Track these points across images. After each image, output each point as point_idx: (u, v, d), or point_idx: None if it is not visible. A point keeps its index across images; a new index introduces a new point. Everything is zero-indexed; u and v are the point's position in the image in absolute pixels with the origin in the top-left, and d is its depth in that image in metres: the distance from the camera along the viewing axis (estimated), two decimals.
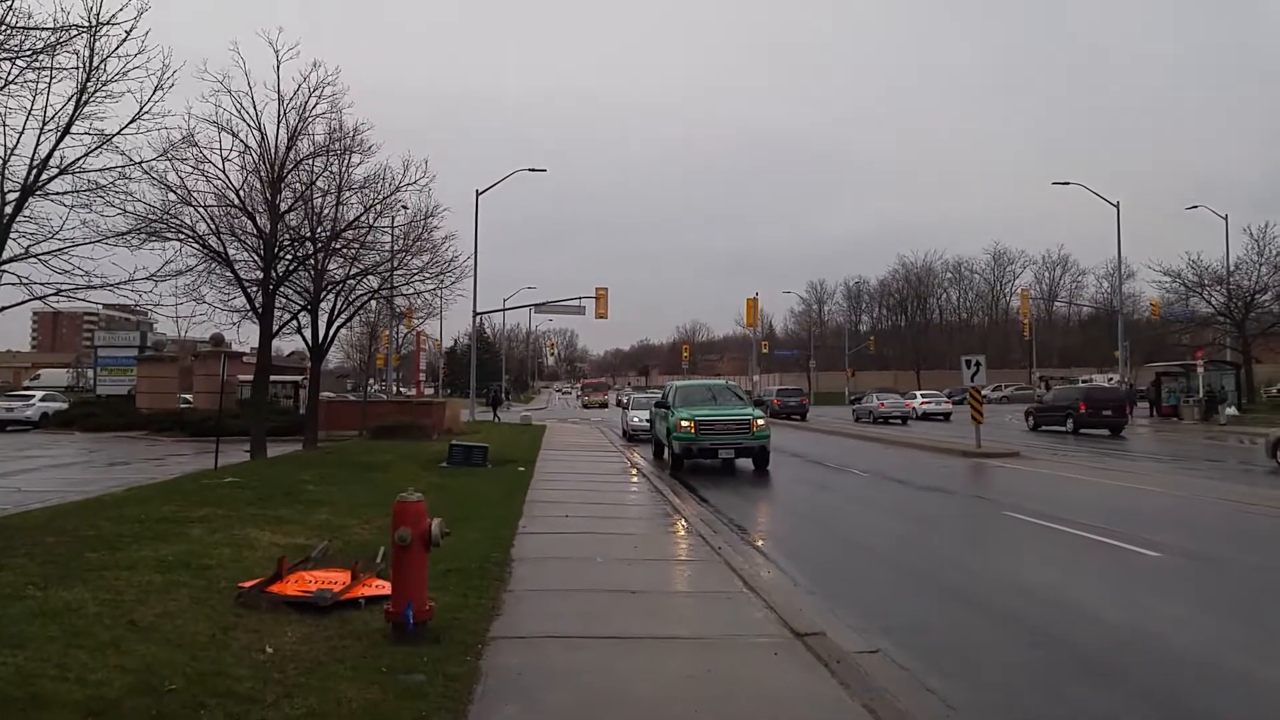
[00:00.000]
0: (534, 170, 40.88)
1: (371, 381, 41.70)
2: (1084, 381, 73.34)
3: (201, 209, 17.38)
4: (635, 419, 29.12)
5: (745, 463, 19.33)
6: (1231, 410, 37.87)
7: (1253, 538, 11.36)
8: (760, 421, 18.69)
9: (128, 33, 11.47)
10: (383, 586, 6.58)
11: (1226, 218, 47.42)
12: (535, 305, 49.13)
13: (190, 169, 16.92)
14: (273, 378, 26.91)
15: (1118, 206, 46.28)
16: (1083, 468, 20.40)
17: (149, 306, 26.12)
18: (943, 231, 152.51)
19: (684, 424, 18.60)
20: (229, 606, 6.36)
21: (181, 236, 16.96)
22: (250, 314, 18.74)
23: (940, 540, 11.29)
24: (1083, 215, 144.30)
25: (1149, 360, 56.84)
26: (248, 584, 6.80)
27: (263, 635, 5.71)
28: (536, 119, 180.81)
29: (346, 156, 19.04)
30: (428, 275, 21.37)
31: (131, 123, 12.15)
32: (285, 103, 17.83)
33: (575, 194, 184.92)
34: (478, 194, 40.00)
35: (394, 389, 55.02)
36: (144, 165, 14.08)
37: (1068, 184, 46.88)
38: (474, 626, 6.17)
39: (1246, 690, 5.61)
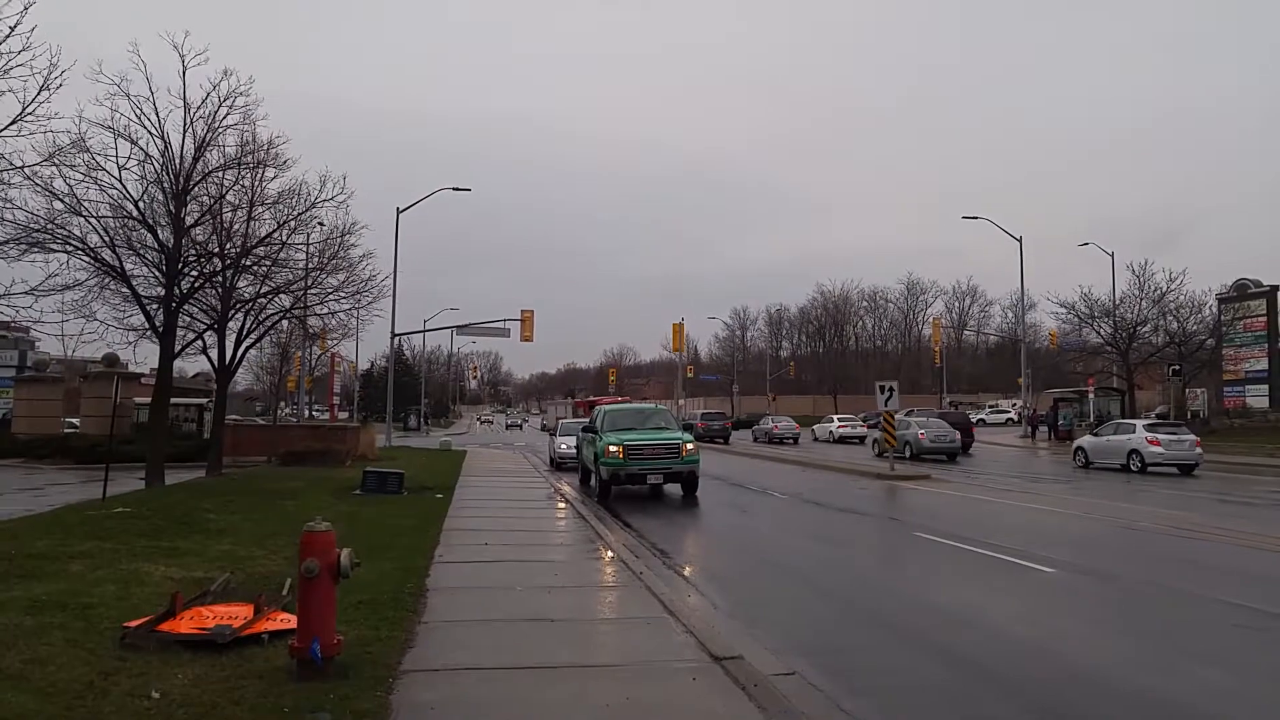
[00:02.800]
0: (458, 189, 40.43)
1: (282, 405, 40.35)
2: (989, 407, 76.68)
3: (94, 219, 16.36)
4: (563, 445, 28.46)
5: (672, 487, 19.27)
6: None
7: (1133, 552, 11.89)
8: (690, 446, 17.86)
9: (12, 28, 10.86)
10: (288, 620, 6.28)
11: (1113, 255, 50.02)
12: (458, 327, 48.43)
13: (81, 176, 15.91)
14: (174, 400, 25.66)
15: (1020, 241, 48.40)
16: (987, 489, 21.06)
17: (28, 323, 24.63)
18: (860, 262, 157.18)
19: (612, 449, 17.61)
20: (111, 649, 5.89)
21: (69, 248, 15.91)
22: (149, 333, 17.76)
23: (856, 562, 11.47)
24: (990, 249, 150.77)
25: (1048, 386, 59.21)
26: (134, 623, 6.28)
27: (149, 679, 5.31)
28: (465, 139, 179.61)
29: (260, 170, 18.42)
30: (343, 294, 20.76)
31: (12, 124, 11.47)
32: (192, 111, 17.05)
33: (503, 216, 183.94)
34: (398, 211, 39.37)
35: (306, 413, 53.39)
36: (26, 170, 13.28)
37: (976, 218, 48.85)
38: (386, 660, 5.95)
39: (1133, 699, 5.80)
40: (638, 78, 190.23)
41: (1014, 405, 65.53)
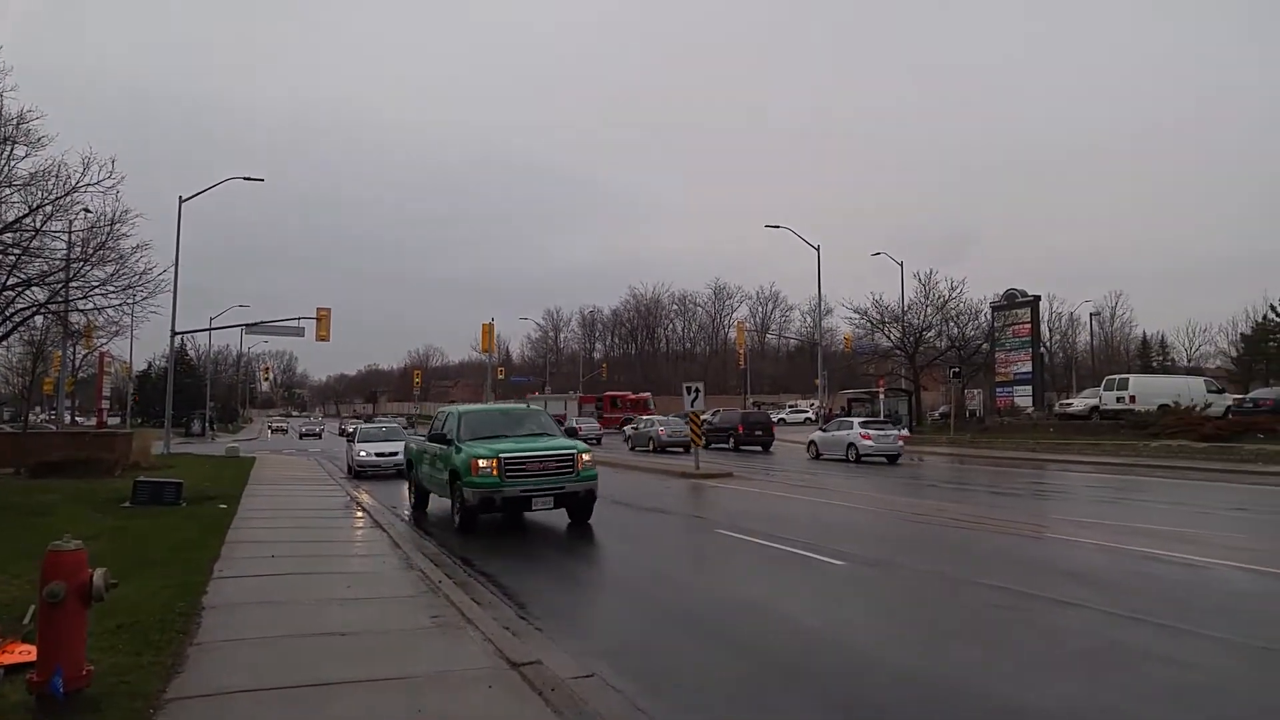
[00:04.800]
0: (250, 179, 37.76)
1: (38, 410, 36.25)
2: (789, 407, 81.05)
3: None
4: (363, 453, 27.25)
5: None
6: (905, 432, 43.12)
7: (916, 543, 12.98)
8: (586, 457, 14.11)
9: None
10: (28, 652, 5.64)
11: (902, 264, 54.08)
12: (248, 325, 45.37)
13: None
14: None
15: (818, 250, 51.39)
16: (785, 485, 22.31)
17: None
18: (670, 265, 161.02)
19: (483, 464, 13.57)
20: None
21: None
22: None
23: (659, 560, 11.75)
24: (792, 257, 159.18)
25: (844, 387, 63.37)
26: None
27: None
28: (258, 127, 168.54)
29: (9, 147, 16.49)
30: (113, 289, 18.98)
31: None
32: None
33: (310, 212, 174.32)
34: (181, 201, 36.45)
35: (68, 418, 48.31)
36: None
37: (778, 227, 51.28)
38: (146, 689, 5.46)
39: (912, 683, 6.31)
40: (458, 70, 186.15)
41: (812, 405, 69.66)
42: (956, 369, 45.61)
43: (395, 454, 26.33)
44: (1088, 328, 78.71)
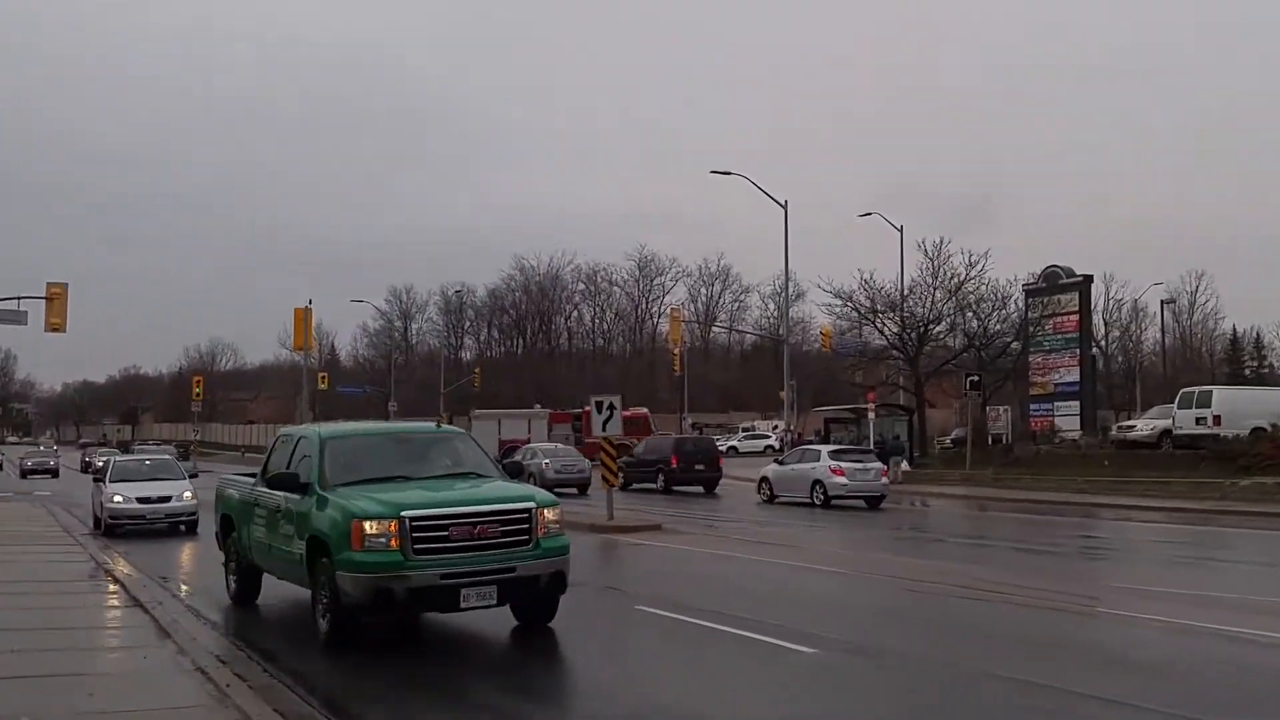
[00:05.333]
0: None
1: None
2: (744, 431, 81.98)
3: None
4: (119, 498, 26.34)
5: None
6: (905, 465, 44.14)
7: (914, 621, 13.30)
8: (551, 515, 11.77)
9: None
10: None
11: (901, 229, 54.85)
12: None
13: None
14: None
15: (785, 207, 52.00)
16: (733, 541, 22.80)
17: None
18: (577, 228, 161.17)
19: (373, 527, 10.96)
20: None
21: None
22: None
23: (552, 651, 11.76)
24: (748, 217, 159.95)
25: (819, 402, 64.30)
26: None
27: None
28: None
29: None
30: None
31: None
32: None
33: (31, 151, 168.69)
34: None
35: None
36: None
37: (729, 174, 51.64)
38: None
39: None
40: None
41: (775, 428, 70.24)
42: (975, 377, 46.64)
43: (167, 499, 26.08)
44: (1158, 321, 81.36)
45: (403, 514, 11.02)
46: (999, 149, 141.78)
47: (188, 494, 26.44)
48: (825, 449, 35.50)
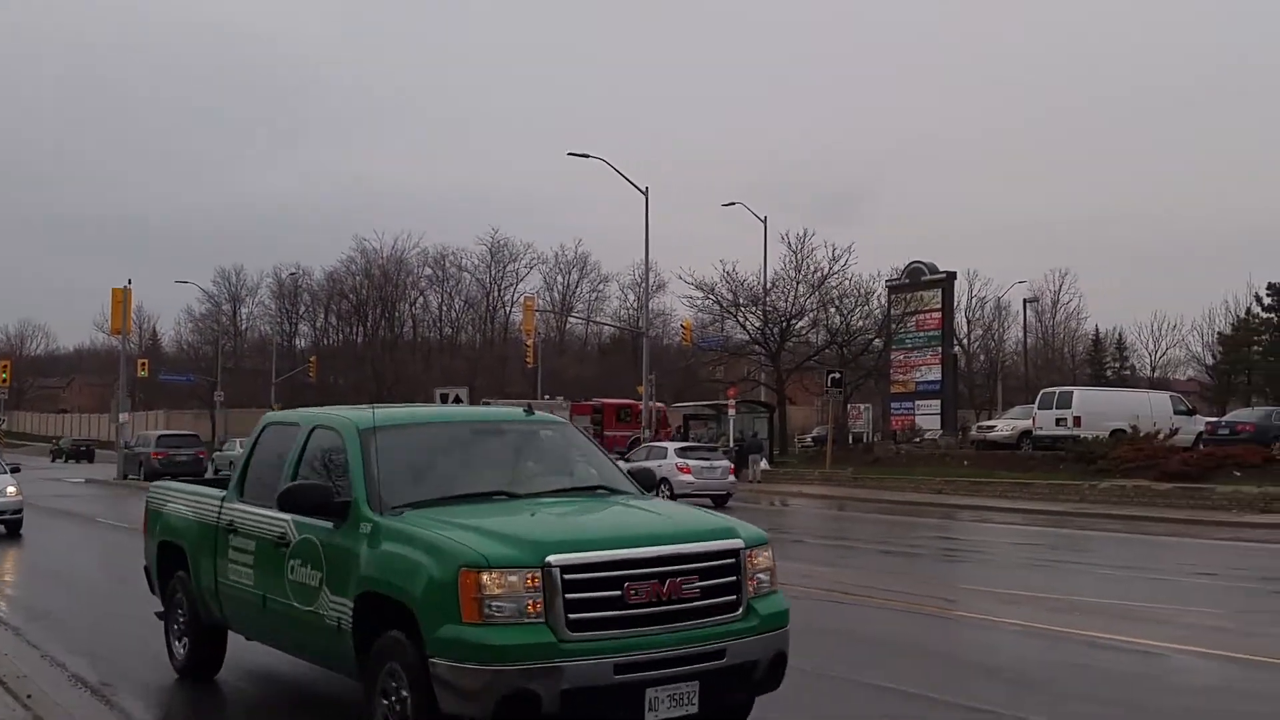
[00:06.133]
0: None
1: None
2: None
3: None
4: None
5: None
6: (764, 464, 44.67)
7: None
8: (761, 560, 7.78)
9: None
10: None
11: (765, 220, 55.82)
12: None
13: None
14: None
15: (647, 194, 52.09)
16: None
17: None
18: (423, 209, 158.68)
19: (497, 582, 6.77)
20: None
21: None
22: None
23: None
24: (607, 203, 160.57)
25: (679, 399, 64.78)
26: None
27: None
28: None
29: None
30: None
31: None
32: None
33: None
34: None
35: None
36: None
37: (587, 157, 51.41)
38: None
39: None
40: None
41: None
42: (837, 374, 47.45)
43: None
44: (1020, 320, 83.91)
45: (549, 559, 6.75)
46: (869, 143, 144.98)
47: (11, 489, 24.76)
48: (672, 446, 36.21)
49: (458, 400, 24.99)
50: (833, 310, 51.79)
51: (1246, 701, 9.58)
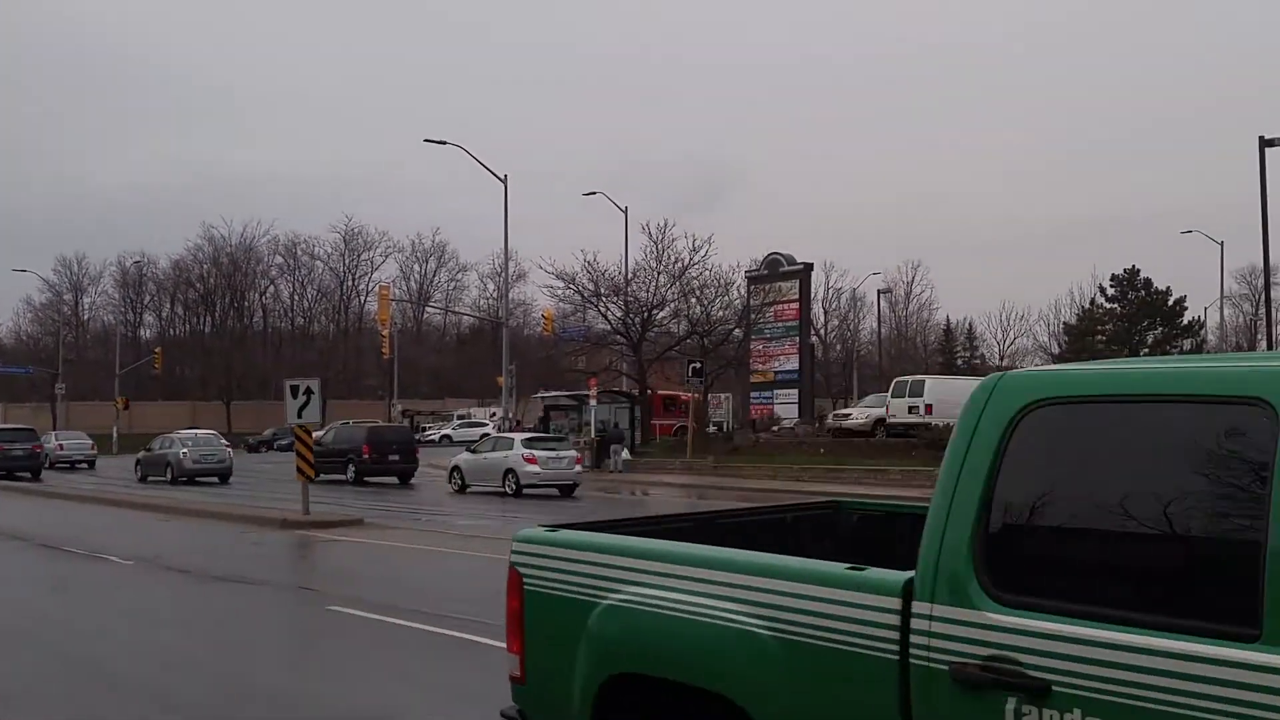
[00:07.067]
0: None
1: None
2: (459, 418, 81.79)
3: None
4: None
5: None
6: (625, 454, 45.07)
7: None
8: None
9: None
10: None
11: (626, 210, 56.16)
12: None
13: None
14: None
15: (506, 182, 52.04)
16: (437, 536, 22.84)
17: None
18: (275, 195, 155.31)
19: None
20: None
21: None
22: None
23: (239, 660, 11.30)
24: (466, 191, 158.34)
25: (542, 389, 64.83)
26: None
27: None
28: None
29: None
30: None
31: None
32: None
33: None
34: None
35: None
36: None
37: (445, 144, 51.17)
38: None
39: None
40: None
41: (493, 416, 70.50)
42: (697, 364, 48.06)
43: None
44: (875, 310, 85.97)
45: None
46: (733, 136, 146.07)
47: None
48: (519, 437, 36.59)
49: (309, 392, 24.51)
50: (693, 301, 52.32)
51: None
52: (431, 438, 77.27)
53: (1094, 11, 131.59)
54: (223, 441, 46.12)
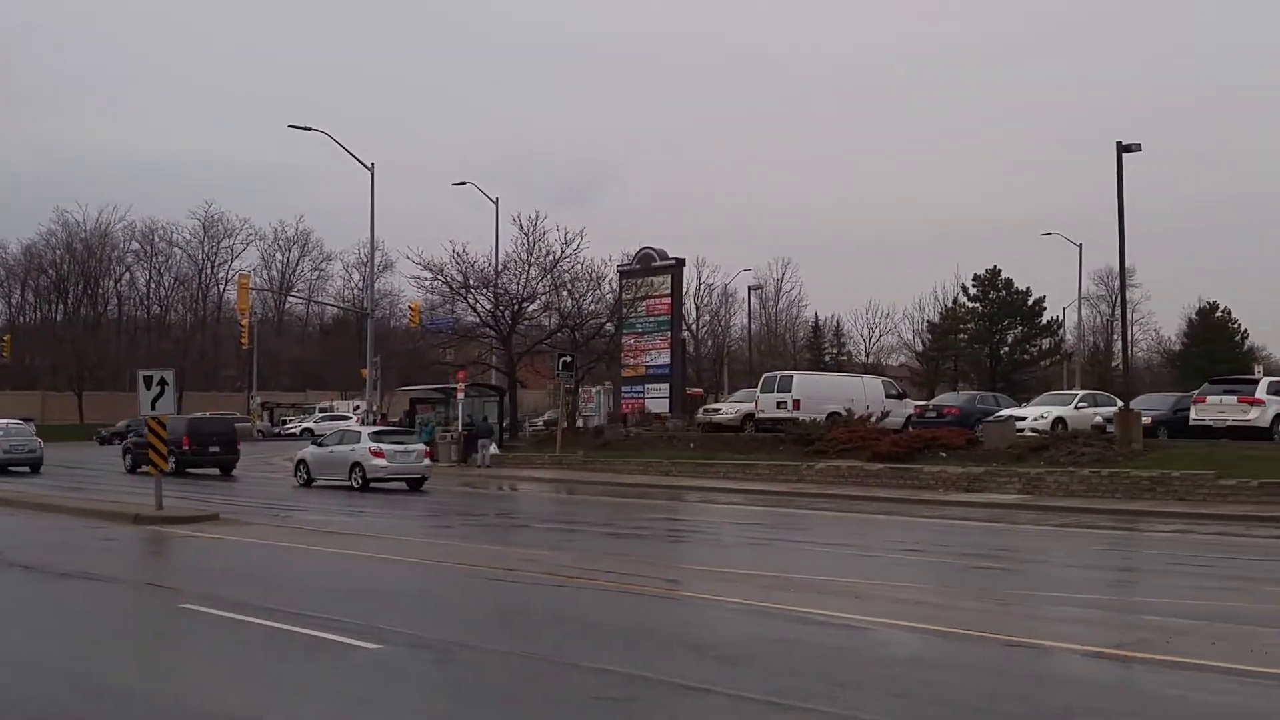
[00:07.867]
0: None
1: None
2: (321, 411, 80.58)
3: None
4: None
5: None
6: (494, 448, 44.89)
7: (491, 612, 13.51)
8: None
9: None
10: None
11: (497, 202, 55.80)
12: None
13: None
14: None
15: (372, 170, 51.26)
16: (295, 531, 22.58)
17: None
18: (129, 180, 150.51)
19: None
20: None
21: None
22: None
23: (85, 658, 10.96)
24: (331, 178, 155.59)
25: (408, 382, 64.24)
26: None
27: None
28: None
29: None
30: None
31: None
32: None
33: None
34: None
35: None
36: None
37: (309, 130, 50.15)
38: None
39: None
40: None
41: (356, 408, 69.76)
42: (568, 357, 48.11)
43: None
44: (745, 306, 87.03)
45: None
46: (608, 131, 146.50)
47: None
48: (366, 430, 36.76)
49: (163, 383, 23.91)
50: (565, 294, 52.36)
51: (942, 673, 10.25)
52: (293, 431, 76.06)
53: (966, 28, 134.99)
54: (33, 432, 46.27)
